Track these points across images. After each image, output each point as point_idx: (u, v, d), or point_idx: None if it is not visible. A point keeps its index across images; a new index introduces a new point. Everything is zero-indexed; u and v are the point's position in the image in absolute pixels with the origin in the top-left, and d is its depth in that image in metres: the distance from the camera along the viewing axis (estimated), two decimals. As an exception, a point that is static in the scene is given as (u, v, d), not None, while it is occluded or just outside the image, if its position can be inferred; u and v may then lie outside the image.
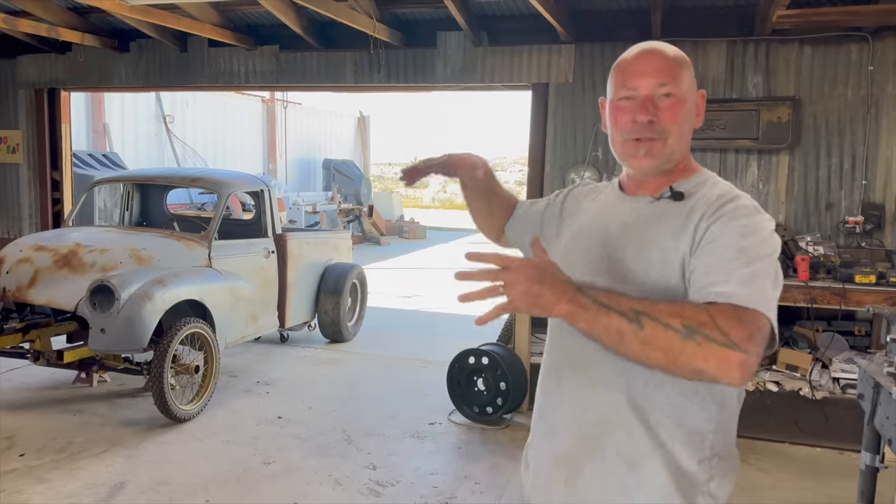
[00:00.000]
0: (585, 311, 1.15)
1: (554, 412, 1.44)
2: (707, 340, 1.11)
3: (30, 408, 4.90)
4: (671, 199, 1.38)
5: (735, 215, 1.27)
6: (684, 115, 1.37)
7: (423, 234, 18.23)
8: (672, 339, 1.11)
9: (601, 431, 1.35)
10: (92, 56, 6.91)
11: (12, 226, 7.43)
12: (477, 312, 1.28)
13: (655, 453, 1.30)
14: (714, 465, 1.33)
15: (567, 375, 1.41)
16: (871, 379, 2.77)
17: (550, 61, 5.63)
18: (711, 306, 1.14)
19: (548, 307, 1.15)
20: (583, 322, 1.16)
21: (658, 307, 1.15)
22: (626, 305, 1.15)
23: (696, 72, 1.44)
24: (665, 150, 1.37)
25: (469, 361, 4.83)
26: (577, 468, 1.38)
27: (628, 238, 1.38)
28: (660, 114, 1.35)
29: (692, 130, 1.43)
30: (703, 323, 1.11)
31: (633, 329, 1.13)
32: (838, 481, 3.99)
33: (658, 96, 1.36)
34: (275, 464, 4.10)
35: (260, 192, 6.04)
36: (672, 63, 1.37)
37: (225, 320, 5.06)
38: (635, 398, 1.31)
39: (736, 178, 5.23)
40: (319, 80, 6.37)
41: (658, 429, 1.31)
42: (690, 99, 1.39)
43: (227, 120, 16.39)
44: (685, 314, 1.13)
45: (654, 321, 1.12)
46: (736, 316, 1.13)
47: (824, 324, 4.83)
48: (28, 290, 4.59)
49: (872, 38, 4.88)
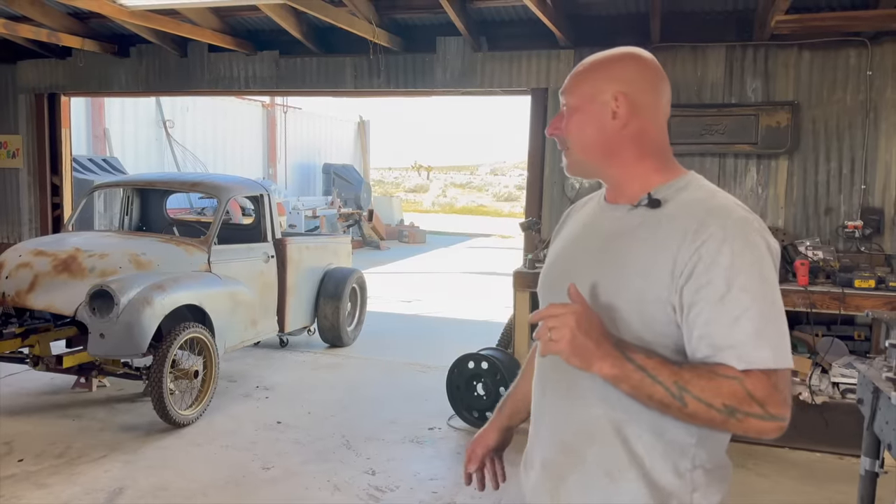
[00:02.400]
0: (629, 378, 1.21)
1: (540, 421, 1.47)
2: (747, 417, 1.18)
3: (29, 413, 4.89)
4: (648, 206, 1.34)
5: (725, 241, 1.22)
6: (576, 123, 1.39)
7: (423, 239, 18.23)
8: (714, 417, 1.19)
9: (581, 443, 1.35)
10: (92, 61, 6.92)
11: (12, 230, 7.44)
12: (476, 318, 1.30)
13: (633, 466, 1.30)
14: (697, 477, 1.31)
15: (550, 387, 1.42)
16: (871, 384, 2.77)
17: (549, 66, 5.64)
18: (746, 378, 1.18)
19: (589, 361, 1.21)
20: (626, 387, 1.22)
21: (699, 381, 1.18)
22: (668, 376, 1.19)
23: (694, 77, 1.45)
24: (571, 157, 1.43)
25: (469, 366, 4.83)
26: (561, 477, 1.38)
27: (607, 248, 1.36)
28: (563, 125, 1.42)
29: (616, 134, 1.37)
30: (742, 400, 1.17)
31: (678, 406, 1.20)
32: (838, 486, 3.99)
33: (563, 109, 1.43)
34: (274, 469, 4.09)
35: (259, 197, 6.05)
36: (574, 76, 1.42)
37: (224, 325, 5.06)
38: (613, 412, 1.31)
39: (735, 182, 5.23)
40: (319, 86, 6.38)
41: (636, 442, 1.30)
42: (589, 105, 1.38)
43: (227, 125, 16.42)
44: (723, 391, 1.17)
45: (697, 400, 1.18)
46: (771, 385, 1.18)
47: (824, 328, 4.83)
48: (27, 294, 4.59)
49: (871, 43, 4.89)
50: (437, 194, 33.66)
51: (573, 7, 5.32)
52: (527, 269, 5.13)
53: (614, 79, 1.36)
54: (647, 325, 1.27)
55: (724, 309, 1.19)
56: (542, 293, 1.52)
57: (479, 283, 11.68)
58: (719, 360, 1.20)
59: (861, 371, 2.92)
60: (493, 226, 23.00)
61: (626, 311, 1.28)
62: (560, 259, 1.49)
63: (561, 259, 1.49)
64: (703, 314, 1.21)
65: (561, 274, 1.44)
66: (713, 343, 1.20)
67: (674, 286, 1.24)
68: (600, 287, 1.32)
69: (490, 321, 7.54)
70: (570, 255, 1.47)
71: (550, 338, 1.21)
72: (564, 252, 1.49)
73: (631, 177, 1.38)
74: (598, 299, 1.31)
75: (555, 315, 1.22)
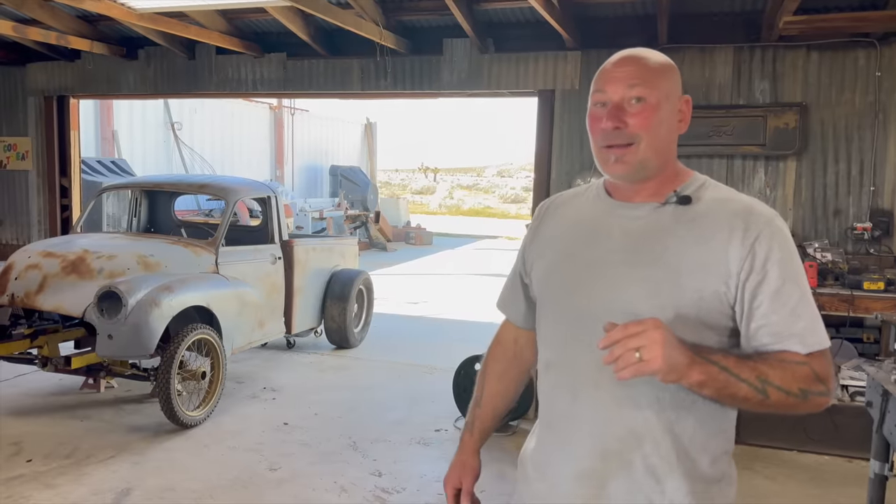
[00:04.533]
0: (716, 380, 1.22)
1: (569, 428, 1.40)
2: (815, 396, 1.27)
3: (37, 413, 4.92)
4: (678, 203, 1.36)
5: (773, 238, 1.31)
6: (657, 120, 1.34)
7: (429, 240, 18.24)
8: (791, 402, 1.26)
9: (627, 447, 1.33)
10: (101, 64, 6.96)
11: (21, 232, 7.48)
12: (483, 320, 1.30)
13: (680, 462, 1.32)
14: (724, 463, 1.37)
15: (588, 392, 1.37)
16: (880, 386, 2.75)
17: (556, 68, 5.64)
18: (812, 361, 1.27)
19: (682, 373, 1.20)
20: (711, 390, 1.24)
21: (775, 372, 1.24)
22: (749, 373, 1.23)
23: (702, 78, 1.45)
24: (637, 156, 1.34)
25: (475, 368, 4.82)
26: (602, 486, 1.35)
27: (642, 249, 1.34)
28: (629, 119, 1.33)
29: (675, 137, 1.40)
30: (812, 381, 1.26)
31: (760, 399, 1.24)
32: (847, 489, 3.96)
33: (628, 102, 1.34)
34: (280, 470, 4.10)
35: (267, 199, 6.06)
36: (645, 69, 1.35)
37: (231, 326, 5.07)
38: (664, 412, 1.31)
39: (743, 184, 5.21)
40: (326, 88, 6.40)
41: (683, 438, 1.32)
42: (667, 105, 1.36)
43: (234, 127, 16.47)
44: (797, 375, 1.26)
45: (778, 390, 1.24)
46: (827, 363, 1.29)
47: (833, 331, 4.79)
48: (36, 296, 4.61)
49: (880, 44, 4.87)
50: (443, 196, 33.67)
51: (580, 9, 5.31)
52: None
53: (679, 81, 1.41)
54: (704, 320, 1.30)
55: (780, 300, 1.28)
56: (551, 299, 1.46)
57: (485, 284, 11.67)
58: (783, 348, 1.28)
59: (870, 374, 2.91)
60: (500, 227, 22.99)
61: (686, 310, 1.29)
62: (570, 262, 1.43)
63: (571, 262, 1.42)
64: (763, 306, 1.28)
65: (580, 279, 1.39)
66: (775, 332, 1.28)
67: (732, 281, 1.29)
68: (652, 291, 1.30)
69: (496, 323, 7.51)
70: (585, 258, 1.40)
71: (641, 358, 1.16)
72: (573, 255, 1.43)
73: (665, 178, 1.40)
74: (651, 303, 1.28)
75: (636, 334, 1.16)
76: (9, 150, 7.44)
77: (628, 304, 1.29)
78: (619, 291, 1.34)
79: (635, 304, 1.29)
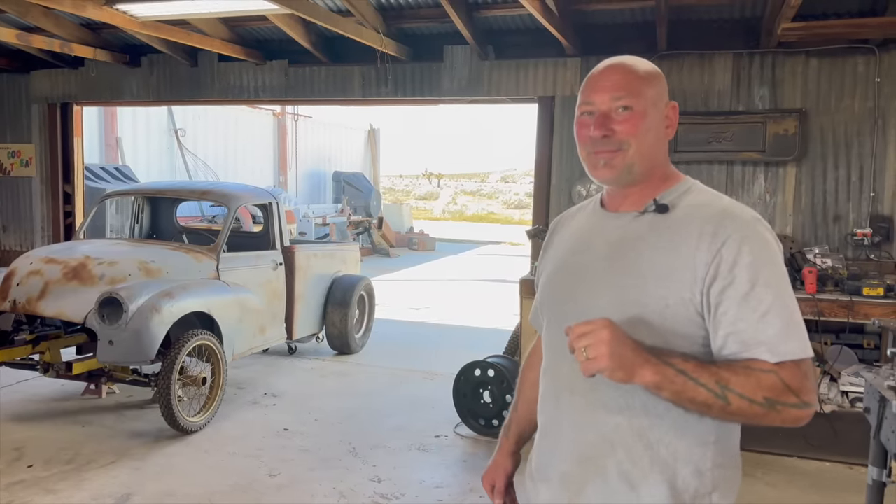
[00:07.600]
0: (672, 382, 1.21)
1: (555, 433, 1.45)
2: (785, 407, 1.22)
3: (39, 419, 4.93)
4: (656, 212, 1.37)
5: (743, 241, 1.26)
6: (644, 127, 1.36)
7: (432, 246, 18.24)
8: (756, 411, 1.21)
9: (601, 452, 1.35)
10: (104, 71, 7.01)
11: (25, 238, 7.52)
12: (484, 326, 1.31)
13: (655, 470, 1.31)
14: (717, 476, 1.33)
15: (566, 398, 1.41)
16: (877, 393, 2.75)
17: (556, 75, 5.66)
18: (781, 371, 1.22)
19: (631, 372, 1.20)
20: (668, 392, 1.22)
21: (737, 378, 1.21)
22: (709, 377, 1.21)
23: (701, 84, 1.47)
24: (625, 160, 1.37)
25: (475, 374, 4.83)
26: (579, 490, 1.38)
27: (618, 257, 1.37)
28: (616, 127, 1.35)
29: (664, 142, 1.42)
30: (780, 392, 1.21)
31: (721, 405, 1.21)
32: (847, 496, 3.95)
33: (614, 110, 1.36)
34: (280, 476, 4.11)
35: (268, 205, 6.09)
36: (631, 77, 1.37)
37: (232, 332, 5.09)
38: (635, 419, 1.32)
39: (743, 190, 5.22)
40: (327, 94, 6.44)
41: (658, 446, 1.31)
42: (654, 112, 1.38)
43: (238, 133, 16.54)
44: (763, 384, 1.21)
45: (740, 397, 1.21)
46: (802, 374, 1.23)
47: (832, 337, 4.79)
48: (38, 302, 4.64)
49: (879, 51, 4.88)
50: (447, 202, 33.68)
51: (579, 16, 5.34)
52: (533, 276, 5.13)
53: (665, 88, 1.42)
54: (671, 328, 1.28)
55: (749, 306, 1.24)
56: (547, 306, 1.50)
57: (487, 290, 11.67)
58: (751, 356, 1.23)
59: (867, 380, 2.90)
60: (504, 233, 22.97)
61: (651, 316, 1.29)
62: (563, 271, 1.48)
63: (564, 271, 1.48)
64: (729, 312, 1.24)
65: (568, 286, 1.43)
66: (742, 339, 1.24)
67: (697, 287, 1.27)
68: (621, 297, 1.32)
69: (497, 329, 7.52)
70: (574, 266, 1.45)
71: (587, 357, 1.20)
72: (567, 264, 1.48)
73: (651, 185, 1.40)
74: (620, 309, 1.30)
75: (584, 333, 1.21)
76: (13, 156, 7.49)
77: (601, 311, 1.30)
78: (596, 299, 1.36)
79: (606, 311, 1.30)
